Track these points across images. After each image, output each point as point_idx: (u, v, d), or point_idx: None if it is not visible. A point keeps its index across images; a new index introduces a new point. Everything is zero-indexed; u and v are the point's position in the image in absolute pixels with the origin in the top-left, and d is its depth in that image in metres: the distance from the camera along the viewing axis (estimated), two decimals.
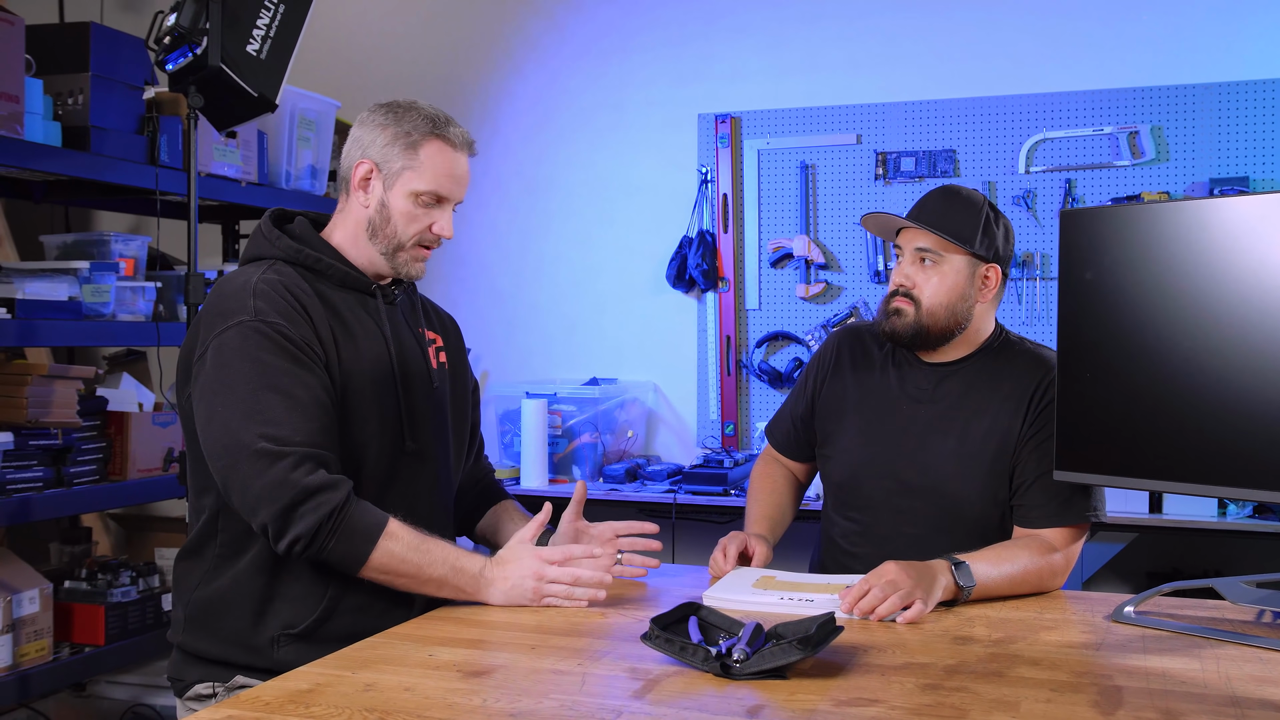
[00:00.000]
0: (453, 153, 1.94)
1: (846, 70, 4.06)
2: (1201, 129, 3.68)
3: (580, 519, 2.10)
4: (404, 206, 1.93)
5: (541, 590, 1.85)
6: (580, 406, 3.99)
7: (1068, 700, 1.44)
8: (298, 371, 1.79)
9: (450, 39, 4.51)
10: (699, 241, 4.13)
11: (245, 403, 1.76)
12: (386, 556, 1.78)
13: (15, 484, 2.93)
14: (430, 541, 1.83)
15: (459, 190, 1.97)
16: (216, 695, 1.86)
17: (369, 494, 1.87)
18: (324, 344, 1.85)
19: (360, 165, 1.94)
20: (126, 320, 3.22)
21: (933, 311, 2.17)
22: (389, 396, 1.93)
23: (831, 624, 1.58)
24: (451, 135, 1.94)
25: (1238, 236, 1.78)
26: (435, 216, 1.95)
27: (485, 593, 1.86)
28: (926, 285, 2.17)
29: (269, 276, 1.88)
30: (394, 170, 1.92)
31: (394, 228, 1.93)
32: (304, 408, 1.77)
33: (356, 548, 1.76)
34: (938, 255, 2.17)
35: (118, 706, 4.07)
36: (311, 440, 1.76)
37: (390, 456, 1.93)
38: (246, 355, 1.79)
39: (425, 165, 1.91)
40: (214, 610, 1.88)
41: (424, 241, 1.96)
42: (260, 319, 1.80)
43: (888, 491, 2.20)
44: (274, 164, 3.84)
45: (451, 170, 1.94)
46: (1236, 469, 1.76)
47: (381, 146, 1.93)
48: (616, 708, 1.40)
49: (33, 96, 2.94)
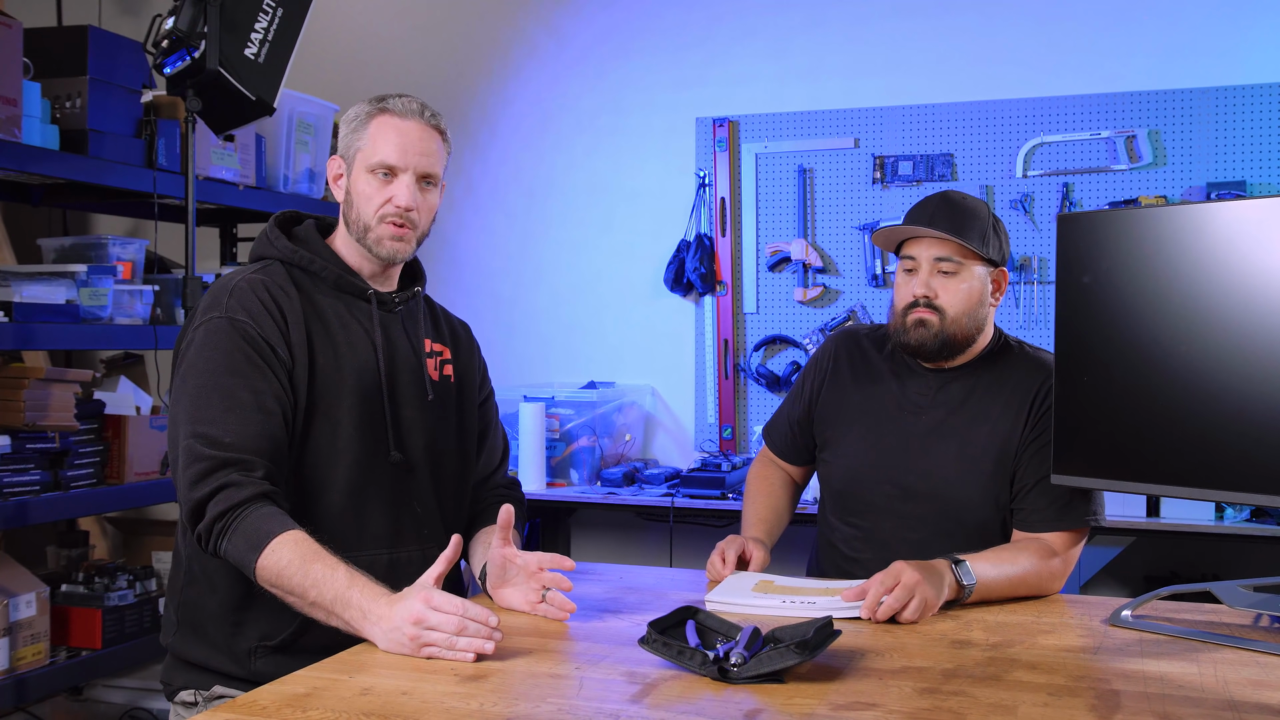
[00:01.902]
0: (399, 121, 1.92)
1: (844, 74, 4.06)
2: (1199, 133, 3.69)
3: (509, 545, 1.87)
4: (361, 186, 1.93)
5: (419, 639, 1.59)
6: (578, 410, 3.99)
7: (1065, 704, 1.44)
8: (248, 372, 1.79)
9: (449, 43, 4.51)
10: (697, 245, 4.13)
11: (192, 400, 1.78)
12: (272, 569, 1.68)
13: (12, 487, 2.93)
14: (327, 565, 1.67)
15: (410, 157, 1.92)
16: (198, 704, 1.86)
17: (342, 503, 1.86)
18: (294, 347, 1.85)
19: (331, 163, 1.99)
20: (124, 323, 3.22)
21: (957, 320, 2.16)
22: (374, 405, 1.91)
23: (829, 628, 1.58)
24: (393, 106, 1.93)
25: (1235, 241, 1.78)
26: (392, 189, 1.92)
27: (368, 631, 1.64)
28: (950, 294, 2.15)
29: (255, 276, 1.89)
30: (351, 156, 1.95)
31: (358, 210, 1.94)
32: (243, 410, 1.77)
33: (244, 554, 1.69)
34: (957, 263, 2.15)
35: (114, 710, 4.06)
36: (242, 444, 1.74)
37: (370, 466, 1.90)
38: (204, 353, 1.81)
39: (372, 139, 1.92)
40: (197, 616, 1.88)
41: (386, 216, 1.92)
42: (229, 315, 1.83)
43: (889, 497, 2.20)
44: (272, 167, 3.84)
45: (395, 138, 1.91)
46: (1234, 473, 1.76)
47: (343, 139, 1.97)
48: (614, 711, 1.40)
49: (31, 100, 2.94)
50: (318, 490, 1.86)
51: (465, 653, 1.58)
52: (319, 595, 1.66)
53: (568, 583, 1.84)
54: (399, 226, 1.93)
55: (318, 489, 1.86)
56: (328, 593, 1.65)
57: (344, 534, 1.86)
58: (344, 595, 1.65)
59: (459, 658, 1.58)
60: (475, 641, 1.58)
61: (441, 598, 1.60)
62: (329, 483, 1.86)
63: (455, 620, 1.58)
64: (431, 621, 1.59)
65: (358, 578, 1.67)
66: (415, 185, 1.93)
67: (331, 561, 1.67)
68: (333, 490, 1.86)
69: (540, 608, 1.84)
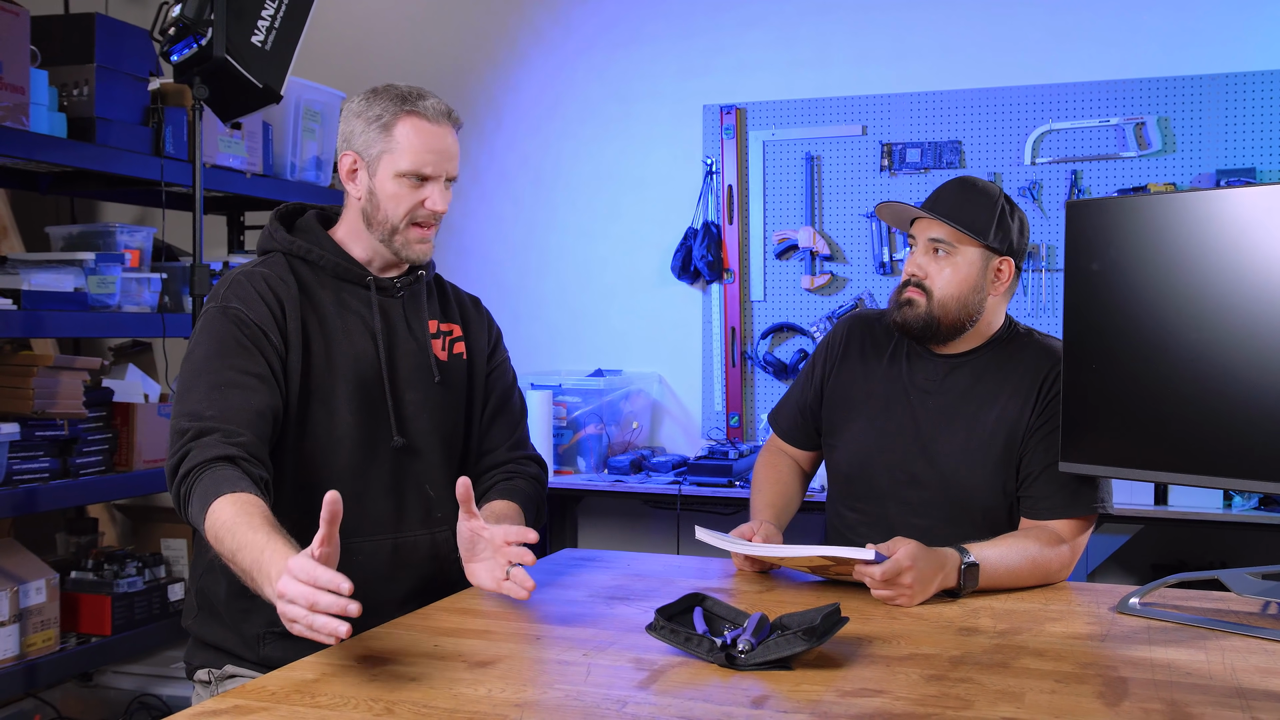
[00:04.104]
0: (428, 126, 1.91)
1: (852, 61, 4.05)
2: (1208, 120, 3.67)
3: (475, 518, 1.79)
4: (390, 189, 1.91)
5: (285, 614, 1.43)
6: (585, 398, 3.99)
7: (1073, 691, 1.44)
8: (235, 353, 1.80)
9: (456, 30, 4.50)
10: (704, 233, 4.13)
11: (183, 386, 1.80)
12: (211, 531, 1.60)
13: (22, 474, 2.94)
14: (256, 529, 1.54)
15: (442, 163, 1.92)
16: (211, 683, 1.88)
17: (344, 486, 1.84)
18: (288, 334, 1.86)
19: (344, 158, 1.95)
20: (132, 311, 3.23)
21: (944, 303, 2.15)
22: (374, 391, 1.92)
23: (836, 615, 1.58)
24: (423, 109, 1.91)
25: (1244, 228, 1.77)
26: (424, 193, 1.92)
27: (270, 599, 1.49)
28: (938, 276, 2.15)
29: (255, 269, 1.91)
30: (374, 156, 1.92)
31: (384, 213, 1.93)
32: (226, 386, 1.77)
33: (196, 515, 1.64)
34: (951, 246, 2.15)
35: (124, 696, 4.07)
36: (223, 415, 1.74)
37: (371, 451, 1.91)
38: (199, 343, 1.83)
39: (401, 145, 1.90)
40: (212, 601, 1.90)
41: (416, 219, 1.93)
42: (223, 304, 1.85)
43: (896, 483, 2.20)
44: (279, 155, 3.84)
45: (429, 145, 1.91)
46: (1242, 460, 1.76)
47: (359, 135, 1.93)
48: (622, 698, 1.41)
49: (38, 88, 2.94)
50: (318, 477, 1.87)
51: (322, 636, 1.39)
52: (243, 559, 1.54)
53: (530, 556, 1.74)
54: (427, 229, 1.95)
55: (317, 476, 1.87)
56: (248, 557, 1.53)
57: (346, 519, 1.86)
58: (260, 562, 1.50)
59: (321, 639, 1.40)
60: (330, 623, 1.37)
61: (300, 566, 1.41)
62: (328, 469, 1.88)
63: (304, 591, 1.39)
64: (290, 594, 1.40)
65: (275, 542, 1.51)
66: (444, 188, 1.94)
67: (261, 525, 1.55)
68: (332, 477, 1.87)
69: (505, 585, 1.76)
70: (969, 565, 1.92)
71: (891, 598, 1.86)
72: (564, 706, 1.38)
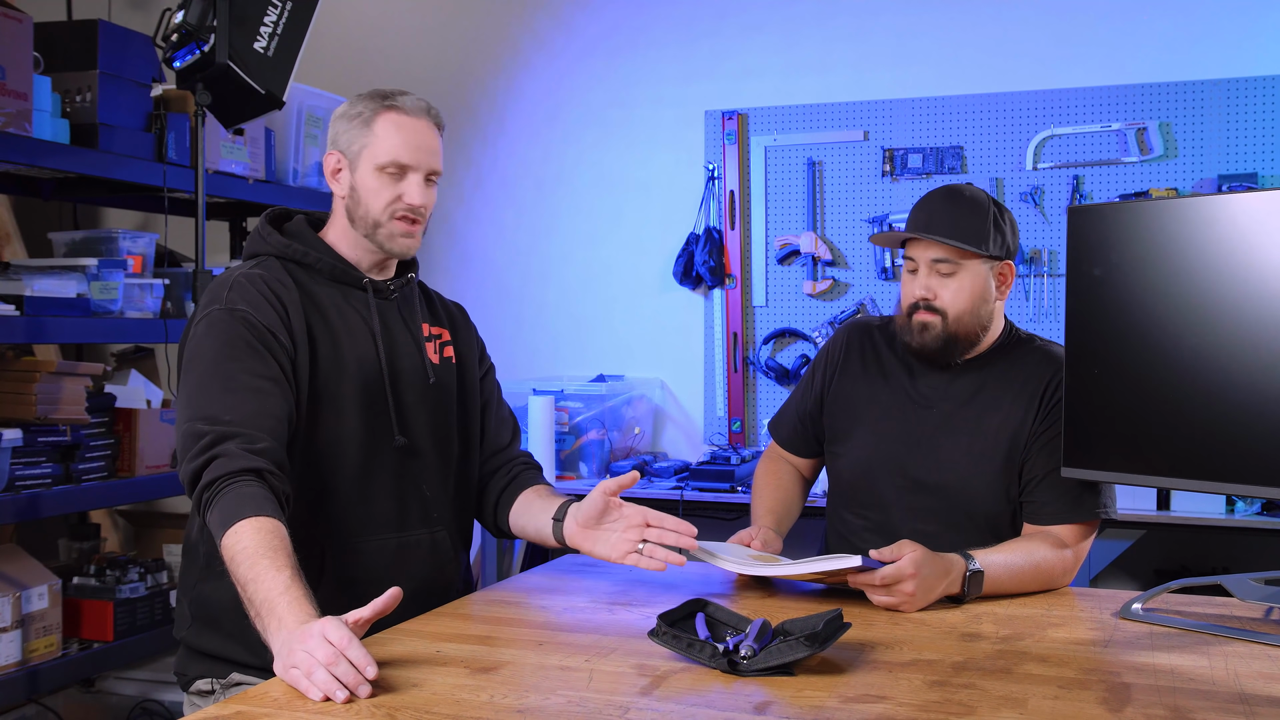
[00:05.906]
0: (407, 120, 1.93)
1: (853, 67, 4.05)
2: (1210, 125, 3.67)
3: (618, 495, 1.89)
4: (369, 183, 1.93)
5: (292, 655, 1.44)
6: (587, 403, 3.99)
7: (1075, 697, 1.44)
8: (248, 357, 1.79)
9: (458, 36, 4.51)
10: (706, 238, 4.13)
11: (194, 388, 1.79)
12: (229, 553, 1.60)
13: (24, 480, 2.94)
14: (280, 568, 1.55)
15: (422, 156, 1.94)
16: (215, 692, 1.87)
17: (349, 489, 1.87)
18: (295, 335, 1.86)
19: (329, 158, 1.98)
20: (134, 317, 3.23)
21: (959, 319, 2.15)
22: (376, 392, 1.93)
23: (839, 620, 1.58)
24: (401, 104, 1.94)
25: (1246, 233, 1.77)
26: (403, 187, 1.93)
27: (272, 642, 1.50)
28: (948, 294, 2.14)
29: (252, 271, 1.91)
30: (355, 152, 1.94)
31: (365, 207, 1.94)
32: (242, 390, 1.76)
33: (216, 529, 1.64)
34: (954, 264, 2.14)
35: (126, 702, 4.08)
36: (242, 419, 1.73)
37: (375, 451, 1.92)
38: (206, 344, 1.82)
39: (380, 137, 1.92)
40: (212, 607, 1.89)
41: (397, 213, 1.94)
42: (229, 306, 1.84)
43: (900, 489, 2.20)
44: (281, 161, 3.85)
45: (406, 138, 1.93)
46: (1245, 466, 1.76)
47: (343, 135, 1.96)
48: (624, 704, 1.41)
49: (41, 94, 2.95)
50: (325, 477, 1.87)
51: (314, 688, 1.39)
52: (254, 592, 1.55)
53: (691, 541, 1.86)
54: (410, 223, 1.95)
55: (325, 476, 1.87)
56: (261, 592, 1.53)
57: (351, 519, 1.89)
58: (272, 600, 1.52)
59: (310, 691, 1.40)
60: (331, 683, 1.39)
61: (336, 632, 1.43)
62: (336, 469, 1.88)
63: (330, 652, 1.41)
64: (309, 645, 1.42)
65: (295, 588, 1.53)
66: (424, 183, 1.95)
67: (282, 563, 1.56)
68: (339, 477, 1.88)
69: (631, 557, 1.86)
70: (974, 572, 1.91)
71: (893, 603, 1.85)
72: (566, 712, 1.37)
